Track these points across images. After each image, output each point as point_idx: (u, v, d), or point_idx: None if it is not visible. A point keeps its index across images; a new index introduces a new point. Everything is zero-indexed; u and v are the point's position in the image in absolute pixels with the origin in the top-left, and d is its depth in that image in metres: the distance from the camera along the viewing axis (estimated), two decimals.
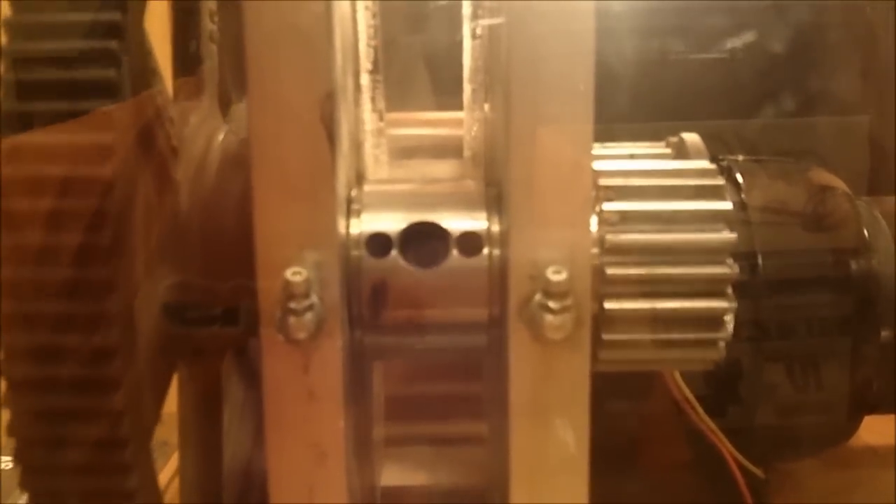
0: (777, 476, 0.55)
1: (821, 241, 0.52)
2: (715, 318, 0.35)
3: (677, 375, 0.50)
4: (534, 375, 0.32)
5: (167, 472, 0.53)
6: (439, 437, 0.50)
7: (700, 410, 0.51)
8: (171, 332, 0.40)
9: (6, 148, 0.34)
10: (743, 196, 0.53)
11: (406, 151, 0.41)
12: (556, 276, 0.31)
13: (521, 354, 0.32)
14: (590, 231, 0.33)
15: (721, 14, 0.64)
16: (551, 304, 0.31)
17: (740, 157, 0.56)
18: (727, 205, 0.35)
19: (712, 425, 0.52)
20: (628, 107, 0.59)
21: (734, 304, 0.35)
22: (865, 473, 0.59)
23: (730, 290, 0.35)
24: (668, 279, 0.34)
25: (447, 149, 0.41)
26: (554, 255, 0.31)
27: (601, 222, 0.34)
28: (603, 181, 0.35)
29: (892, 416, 0.55)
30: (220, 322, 0.40)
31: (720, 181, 0.35)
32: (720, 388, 0.52)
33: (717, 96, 0.65)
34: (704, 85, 0.65)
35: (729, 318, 0.35)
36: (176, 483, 0.49)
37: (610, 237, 0.34)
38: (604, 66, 0.31)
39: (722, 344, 0.35)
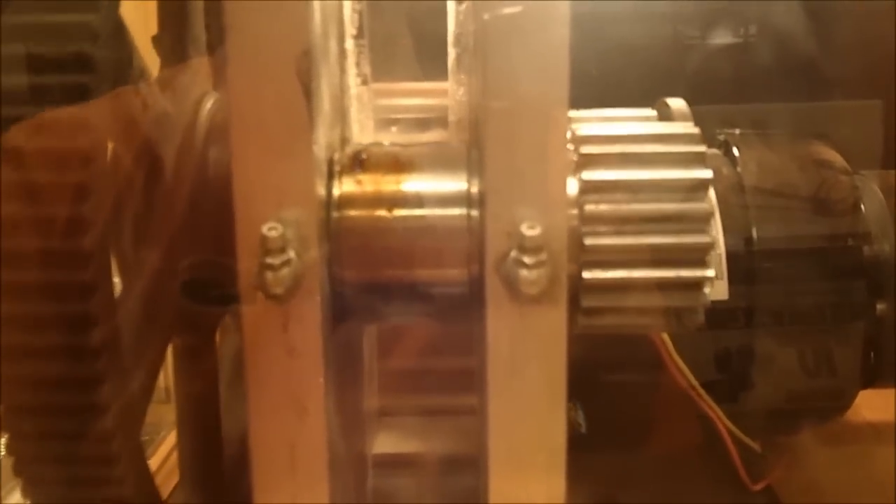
0: (775, 450, 0.55)
1: (817, 215, 0.52)
2: (698, 255, 0.35)
3: (671, 348, 0.51)
4: (511, 332, 0.32)
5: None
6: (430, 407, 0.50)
7: (696, 385, 0.51)
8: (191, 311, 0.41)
9: None
10: (739, 169, 0.53)
11: (393, 120, 0.42)
12: (530, 231, 0.31)
13: (498, 312, 0.32)
14: (565, 187, 0.33)
15: None
16: (526, 258, 0.31)
17: (737, 131, 0.56)
18: (701, 147, 0.35)
19: (709, 399, 0.52)
20: None
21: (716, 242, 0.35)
22: (864, 449, 0.58)
23: (711, 228, 0.34)
24: (647, 216, 0.34)
25: (435, 117, 0.42)
26: (529, 212, 0.32)
27: (578, 165, 0.35)
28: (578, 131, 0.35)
29: (890, 392, 0.55)
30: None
31: (695, 129, 0.36)
32: (717, 363, 0.52)
33: None
34: None
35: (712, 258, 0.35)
36: None
37: (586, 176, 0.34)
38: None
39: (707, 287, 0.35)
